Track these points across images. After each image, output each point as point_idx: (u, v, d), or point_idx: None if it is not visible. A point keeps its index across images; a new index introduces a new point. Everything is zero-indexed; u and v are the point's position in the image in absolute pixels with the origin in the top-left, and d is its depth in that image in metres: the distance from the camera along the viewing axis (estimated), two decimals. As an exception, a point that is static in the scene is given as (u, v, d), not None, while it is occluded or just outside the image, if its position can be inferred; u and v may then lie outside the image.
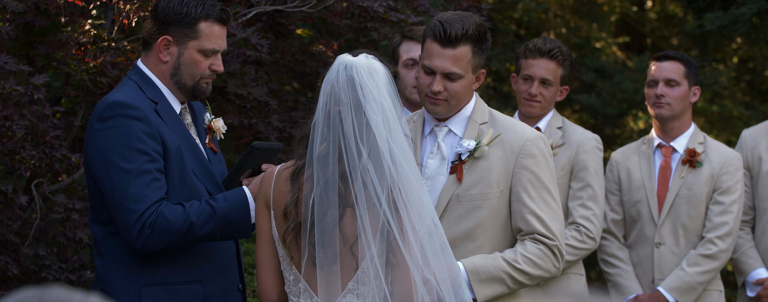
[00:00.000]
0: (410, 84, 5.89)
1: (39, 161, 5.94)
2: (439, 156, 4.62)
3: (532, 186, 4.52)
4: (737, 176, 6.34)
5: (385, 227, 3.89)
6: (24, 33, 6.53)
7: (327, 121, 3.94)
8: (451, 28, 4.50)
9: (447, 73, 4.53)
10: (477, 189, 4.53)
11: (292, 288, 4.03)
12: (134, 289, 4.47)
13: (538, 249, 4.49)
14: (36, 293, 2.15)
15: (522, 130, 4.60)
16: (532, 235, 4.50)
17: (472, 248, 4.53)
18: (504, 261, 4.47)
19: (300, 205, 3.96)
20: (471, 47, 4.53)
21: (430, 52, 4.54)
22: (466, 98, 4.61)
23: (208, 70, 4.59)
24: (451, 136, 4.63)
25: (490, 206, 4.53)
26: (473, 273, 4.43)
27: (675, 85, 6.35)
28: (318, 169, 3.93)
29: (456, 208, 4.55)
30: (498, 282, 4.45)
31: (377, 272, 3.90)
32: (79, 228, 6.19)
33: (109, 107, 4.45)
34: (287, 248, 4.00)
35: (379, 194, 3.88)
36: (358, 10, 6.64)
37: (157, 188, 4.39)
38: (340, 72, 3.97)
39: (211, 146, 4.73)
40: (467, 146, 4.55)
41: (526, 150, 4.54)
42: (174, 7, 4.55)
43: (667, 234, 6.34)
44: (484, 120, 4.62)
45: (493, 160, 4.55)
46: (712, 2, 8.68)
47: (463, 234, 4.54)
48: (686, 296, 6.24)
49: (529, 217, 4.50)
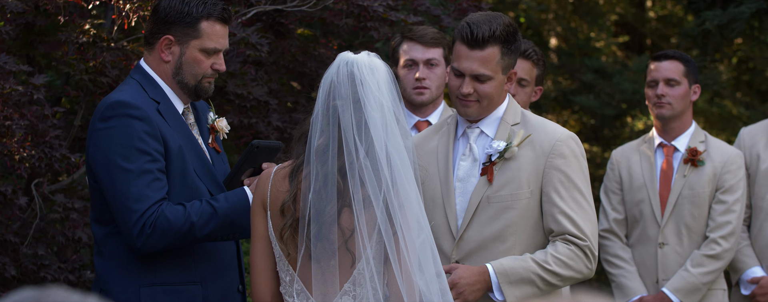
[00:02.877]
0: (410, 85, 5.89)
1: (39, 161, 5.94)
2: (471, 158, 4.60)
3: (562, 187, 4.50)
4: (739, 174, 6.34)
5: (381, 227, 3.88)
6: (24, 33, 6.53)
7: (326, 115, 3.93)
8: (478, 30, 4.47)
9: (476, 75, 4.50)
10: (507, 190, 4.51)
11: (288, 289, 4.02)
12: (134, 289, 4.47)
13: (570, 249, 4.46)
14: (34, 294, 2.15)
15: (553, 130, 4.58)
16: (563, 236, 4.47)
17: (503, 249, 4.51)
18: (534, 263, 4.44)
19: (298, 201, 3.95)
20: (500, 48, 4.50)
21: (459, 54, 4.52)
22: (498, 99, 4.59)
23: (210, 70, 4.59)
24: (483, 137, 4.61)
25: (520, 207, 4.51)
26: (502, 275, 4.42)
27: (675, 84, 6.35)
28: (316, 163, 3.92)
29: (486, 210, 4.53)
30: (528, 284, 4.43)
31: (372, 273, 3.89)
32: (79, 227, 6.19)
33: (110, 107, 4.45)
34: (284, 244, 3.99)
35: (376, 193, 3.88)
36: (358, 9, 6.64)
37: (158, 188, 4.39)
38: (340, 67, 3.97)
39: (214, 146, 4.72)
40: (497, 147, 4.53)
41: (556, 150, 4.52)
42: (175, 7, 4.54)
43: (670, 234, 6.34)
44: (516, 121, 4.59)
45: (523, 161, 4.53)
46: (712, 3, 8.69)
47: (493, 236, 4.52)
48: (691, 296, 6.24)
49: (560, 217, 4.48)
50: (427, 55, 5.87)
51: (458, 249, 4.58)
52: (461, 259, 4.58)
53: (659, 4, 13.68)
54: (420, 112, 5.93)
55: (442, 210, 4.59)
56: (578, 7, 12.75)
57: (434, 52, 5.86)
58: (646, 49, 13.33)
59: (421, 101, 5.89)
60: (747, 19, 8.32)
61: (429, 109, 5.94)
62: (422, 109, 5.93)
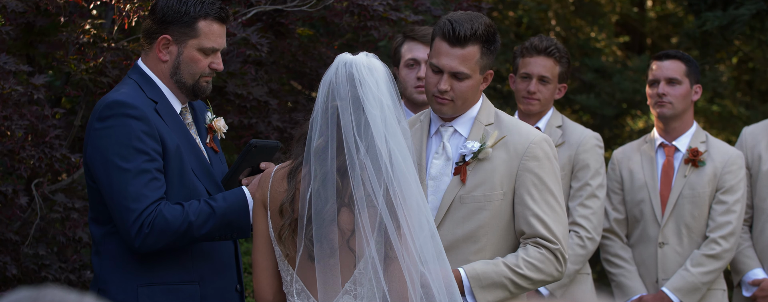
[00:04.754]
0: (412, 84, 5.89)
1: (39, 161, 5.94)
2: (443, 157, 4.60)
3: (535, 189, 4.50)
4: (740, 175, 6.34)
5: (383, 225, 3.89)
6: (24, 33, 6.54)
7: (325, 116, 3.95)
8: (460, 28, 4.48)
9: (454, 73, 4.51)
10: (480, 191, 4.52)
11: (290, 288, 4.03)
12: (131, 289, 4.47)
13: (541, 253, 4.46)
14: (31, 293, 2.16)
15: (526, 132, 4.58)
16: (535, 239, 4.48)
17: (474, 250, 4.51)
18: (505, 267, 4.44)
19: (296, 202, 3.96)
20: (480, 47, 4.51)
21: (439, 50, 4.53)
22: (473, 99, 4.60)
23: (208, 69, 4.59)
24: (456, 136, 4.62)
25: (492, 208, 4.51)
26: (475, 280, 4.41)
27: (676, 83, 6.36)
28: (315, 163, 3.93)
29: (459, 210, 4.53)
30: (500, 288, 4.43)
31: (376, 272, 3.89)
32: (79, 227, 6.19)
33: (108, 106, 4.45)
34: (283, 244, 4.00)
35: (377, 192, 3.88)
36: (358, 9, 6.64)
37: (156, 187, 4.39)
38: (339, 68, 3.98)
39: (211, 146, 4.72)
40: (471, 148, 4.54)
41: (530, 152, 4.52)
42: (173, 6, 4.55)
43: (670, 234, 6.34)
44: (489, 121, 4.60)
45: (496, 162, 4.53)
46: (713, 4, 8.69)
47: (465, 236, 4.52)
48: (691, 296, 6.24)
49: (532, 220, 4.48)
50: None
51: None
52: None
53: (659, 5, 13.68)
54: (421, 110, 5.93)
55: None
56: (579, 7, 12.75)
57: (437, 51, 5.86)
58: (646, 49, 13.33)
59: (423, 100, 5.89)
60: (747, 20, 8.32)
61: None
62: (423, 107, 5.93)
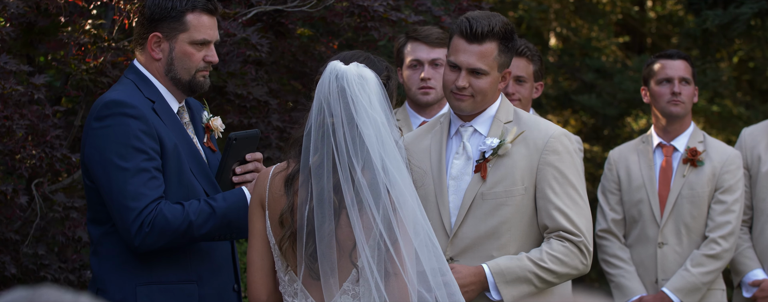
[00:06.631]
0: (415, 85, 5.89)
1: (39, 161, 5.95)
2: (464, 157, 4.63)
3: (556, 183, 4.53)
4: (738, 174, 6.35)
5: (379, 239, 3.87)
6: (24, 33, 6.54)
7: (319, 132, 3.91)
8: (478, 25, 4.53)
9: (472, 69, 4.55)
10: (501, 187, 4.55)
11: (287, 288, 4.01)
12: (130, 288, 4.47)
13: (564, 246, 4.49)
14: (27, 293, 2.16)
15: (546, 127, 4.62)
16: (558, 232, 4.50)
17: (498, 246, 4.54)
18: (529, 261, 4.47)
19: (295, 212, 3.95)
20: (497, 44, 4.56)
21: (457, 47, 4.57)
22: (492, 97, 4.63)
23: (203, 62, 4.58)
24: (476, 135, 4.65)
25: (514, 203, 4.54)
26: (499, 275, 4.44)
27: (688, 83, 6.40)
28: (313, 179, 3.92)
29: (481, 206, 4.56)
30: (525, 283, 4.46)
31: (377, 284, 3.88)
32: (79, 227, 6.19)
33: (106, 106, 4.45)
34: (284, 256, 3.99)
35: (373, 208, 3.87)
36: (359, 9, 6.64)
37: (156, 186, 4.39)
38: (331, 82, 3.92)
39: (209, 145, 4.72)
40: (491, 144, 4.57)
41: (550, 146, 4.55)
42: (160, 3, 4.55)
43: (670, 234, 6.34)
44: (508, 119, 4.64)
45: (517, 158, 4.56)
46: (713, 3, 8.68)
47: (488, 232, 4.55)
48: (691, 296, 6.24)
49: (555, 213, 4.51)
50: (432, 55, 5.88)
51: (452, 247, 4.60)
52: (455, 256, 4.60)
53: (659, 5, 13.68)
54: (425, 112, 5.94)
55: (435, 207, 4.62)
56: (579, 7, 12.75)
57: (439, 52, 5.86)
58: (646, 49, 13.33)
59: (427, 101, 5.90)
60: (748, 19, 8.32)
61: (434, 109, 5.94)
62: (427, 109, 5.94)
